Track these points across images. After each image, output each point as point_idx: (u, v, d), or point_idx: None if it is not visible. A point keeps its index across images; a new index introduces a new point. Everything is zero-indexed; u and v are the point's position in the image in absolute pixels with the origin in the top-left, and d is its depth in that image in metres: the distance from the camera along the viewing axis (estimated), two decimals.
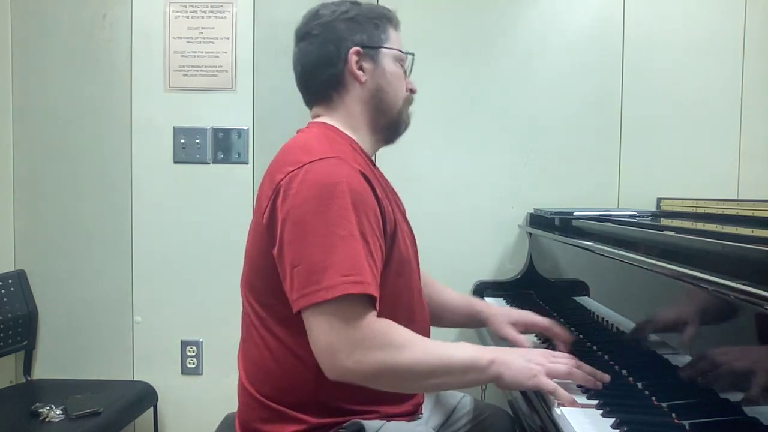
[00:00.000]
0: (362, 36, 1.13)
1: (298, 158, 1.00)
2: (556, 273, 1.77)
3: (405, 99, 1.19)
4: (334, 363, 0.93)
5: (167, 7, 2.06)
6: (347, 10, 1.15)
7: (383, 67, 1.14)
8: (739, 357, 0.81)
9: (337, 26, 1.13)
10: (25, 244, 2.10)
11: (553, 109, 2.03)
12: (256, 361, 1.09)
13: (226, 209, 2.07)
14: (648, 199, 1.97)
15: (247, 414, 1.11)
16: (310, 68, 1.14)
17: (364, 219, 0.97)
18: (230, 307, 2.13)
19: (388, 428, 1.07)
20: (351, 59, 1.11)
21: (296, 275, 0.94)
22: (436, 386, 0.98)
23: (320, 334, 0.93)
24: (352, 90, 1.14)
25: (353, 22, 1.13)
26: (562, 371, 0.98)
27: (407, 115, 1.20)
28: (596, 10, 2.03)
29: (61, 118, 2.08)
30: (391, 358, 0.93)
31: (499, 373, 0.97)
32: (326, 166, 0.98)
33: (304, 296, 0.93)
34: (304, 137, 1.11)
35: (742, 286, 0.76)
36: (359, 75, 1.12)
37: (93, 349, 2.10)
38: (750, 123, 2.01)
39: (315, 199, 0.95)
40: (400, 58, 1.17)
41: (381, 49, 1.14)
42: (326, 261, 0.93)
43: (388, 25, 1.17)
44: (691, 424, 0.85)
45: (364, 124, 1.15)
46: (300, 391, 1.04)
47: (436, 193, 2.05)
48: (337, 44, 1.12)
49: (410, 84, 1.21)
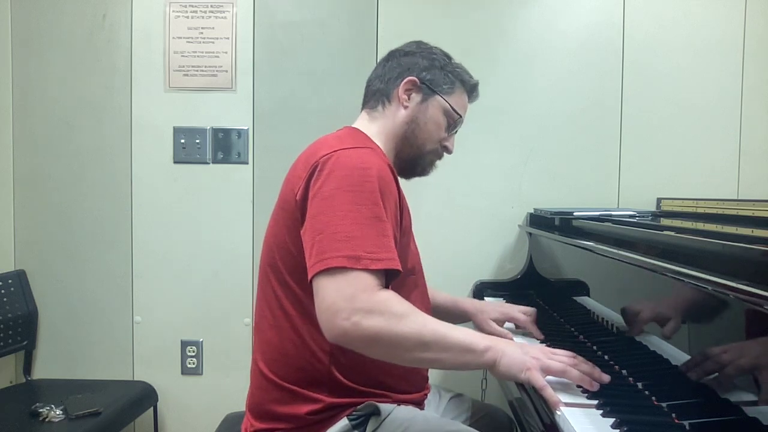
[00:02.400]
0: (428, 75, 1.23)
1: (331, 145, 1.07)
2: (556, 273, 1.77)
3: (434, 148, 1.26)
4: (333, 323, 0.94)
5: (167, 7, 2.06)
6: (434, 53, 1.26)
7: (428, 107, 1.23)
8: (739, 357, 0.81)
9: (416, 58, 1.24)
10: (25, 244, 2.10)
11: (554, 109, 2.04)
12: (271, 342, 1.11)
13: (226, 209, 2.08)
14: (648, 199, 1.97)
15: (261, 396, 1.12)
16: (374, 77, 1.27)
17: (388, 206, 1.02)
18: (230, 307, 2.14)
19: (399, 411, 1.10)
20: (404, 82, 1.21)
21: (317, 242, 0.97)
22: (431, 361, 1.00)
23: (326, 296, 0.95)
24: (394, 109, 1.22)
25: (431, 63, 1.24)
26: (557, 368, 0.99)
27: (429, 164, 1.28)
28: (596, 10, 2.03)
29: (61, 118, 2.08)
30: (389, 325, 0.95)
31: (495, 360, 0.99)
32: (358, 153, 1.05)
33: (323, 260, 0.95)
34: (337, 133, 1.19)
35: (742, 286, 0.76)
36: (403, 98, 1.21)
37: (93, 349, 2.10)
38: (750, 123, 2.01)
39: (345, 179, 1.00)
40: (449, 113, 1.25)
41: (436, 94, 1.23)
42: (350, 233, 0.96)
43: (459, 85, 1.26)
44: (691, 424, 0.85)
45: (392, 143, 1.23)
46: (314, 369, 1.07)
47: (436, 193, 2.05)
48: (403, 69, 1.23)
49: (448, 141, 1.27)
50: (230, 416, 1.47)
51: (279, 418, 1.08)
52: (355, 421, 1.06)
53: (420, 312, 1.00)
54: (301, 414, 1.06)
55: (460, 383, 1.53)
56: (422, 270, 1.25)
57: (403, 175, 1.27)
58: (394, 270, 0.98)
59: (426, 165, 1.27)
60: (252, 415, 1.13)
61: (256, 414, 1.12)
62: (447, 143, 1.27)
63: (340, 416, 1.07)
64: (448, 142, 1.27)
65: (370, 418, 1.07)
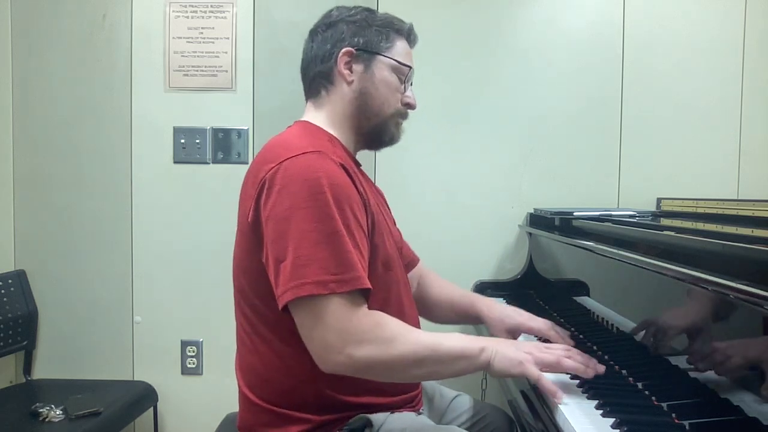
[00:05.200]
0: (360, 39, 1.14)
1: (277, 155, 1.01)
2: (556, 273, 1.77)
3: (395, 110, 1.17)
4: (327, 358, 0.95)
5: (167, 7, 2.06)
6: (355, 13, 1.17)
7: (374, 72, 1.15)
8: (739, 357, 0.81)
9: (340, 27, 1.15)
10: (25, 244, 2.10)
11: (554, 109, 2.03)
12: (253, 368, 1.09)
13: (226, 209, 2.05)
14: (648, 199, 1.97)
15: (249, 420, 1.11)
16: (307, 63, 1.18)
17: (347, 212, 0.98)
18: (230, 307, 2.12)
19: (393, 420, 1.08)
20: (340, 56, 1.13)
21: (282, 270, 0.95)
22: (428, 375, 1.01)
23: (312, 330, 0.94)
24: (339, 88, 1.15)
25: (356, 25, 1.15)
26: (550, 360, 0.98)
27: (395, 128, 1.19)
28: (596, 10, 2.03)
29: (61, 118, 2.08)
30: (382, 351, 0.94)
31: (489, 360, 0.99)
32: (305, 161, 0.98)
33: (290, 289, 0.93)
34: (284, 135, 1.12)
35: (742, 286, 0.76)
36: (346, 74, 1.14)
37: (93, 349, 2.09)
38: (750, 123, 2.01)
39: (297, 195, 0.96)
40: (397, 69, 1.17)
41: (377, 55, 1.15)
42: (312, 256, 0.93)
43: (394, 35, 1.17)
44: (691, 424, 0.85)
45: (348, 124, 1.16)
46: (300, 391, 1.05)
47: (437, 193, 2.04)
48: (333, 43, 1.14)
49: (408, 98, 1.19)
50: (230, 416, 1.46)
51: None
52: None
53: (409, 328, 0.99)
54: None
55: (460, 383, 1.51)
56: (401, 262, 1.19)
57: (372, 147, 1.22)
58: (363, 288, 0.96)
59: (393, 131, 1.19)
60: None
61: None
62: (408, 100, 1.18)
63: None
64: (409, 98, 1.19)
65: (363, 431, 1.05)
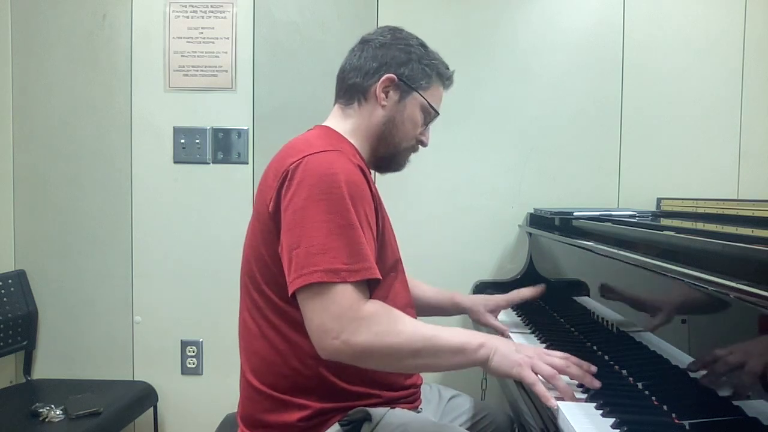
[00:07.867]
0: (405, 70, 1.18)
1: (300, 150, 1.05)
2: (556, 273, 1.77)
3: (410, 145, 1.23)
4: (325, 343, 0.97)
5: (167, 7, 2.06)
6: (413, 45, 1.20)
7: (406, 106, 1.19)
8: (739, 357, 0.81)
9: (392, 51, 1.18)
10: (25, 244, 2.10)
11: (553, 109, 2.04)
12: (258, 352, 1.11)
13: (226, 209, 2.07)
14: (648, 199, 1.97)
15: (251, 407, 1.12)
16: (349, 69, 1.21)
17: (360, 209, 1.01)
18: (230, 307, 2.12)
19: (392, 415, 1.09)
20: (382, 80, 1.17)
21: (294, 257, 0.98)
22: (424, 366, 1.03)
23: (313, 316, 0.97)
24: (371, 107, 1.19)
25: (408, 56, 1.19)
26: (547, 374, 0.98)
27: (405, 160, 1.26)
28: (596, 10, 2.03)
29: (61, 118, 2.08)
30: (378, 338, 0.96)
31: (487, 357, 1.00)
32: (326, 157, 1.03)
33: (302, 276, 0.96)
34: (306, 135, 1.17)
35: (742, 286, 0.76)
36: (381, 98, 1.17)
37: (93, 349, 2.10)
38: (750, 123, 2.01)
39: (315, 188, 1.00)
40: (426, 110, 1.21)
41: (414, 91, 1.19)
42: (325, 245, 0.97)
43: (436, 78, 1.22)
44: (691, 424, 0.85)
45: (368, 142, 1.20)
46: (303, 376, 1.07)
47: (436, 193, 2.05)
48: (381, 64, 1.18)
49: (423, 136, 1.24)
50: (230, 416, 1.47)
51: (270, 426, 1.09)
52: (347, 426, 1.06)
53: (408, 319, 1.01)
54: (291, 421, 1.06)
55: (460, 383, 1.53)
56: (402, 262, 1.24)
57: (378, 170, 1.27)
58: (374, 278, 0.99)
59: (401, 161, 1.25)
60: (244, 425, 1.14)
61: (247, 423, 1.13)
62: (422, 137, 1.24)
63: (331, 422, 1.07)
64: (424, 136, 1.24)
65: (362, 424, 1.06)
